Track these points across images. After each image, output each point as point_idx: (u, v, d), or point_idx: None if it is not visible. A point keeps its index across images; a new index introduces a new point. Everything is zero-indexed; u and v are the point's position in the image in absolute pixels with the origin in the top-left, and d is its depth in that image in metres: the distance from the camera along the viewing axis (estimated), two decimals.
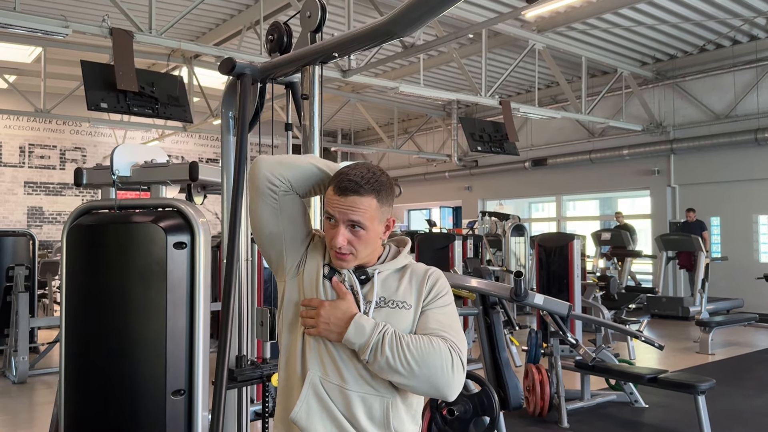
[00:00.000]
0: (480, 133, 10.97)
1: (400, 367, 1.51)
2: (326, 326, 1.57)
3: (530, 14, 9.48)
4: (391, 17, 1.88)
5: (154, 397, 2.71)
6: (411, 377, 1.52)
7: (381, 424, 1.59)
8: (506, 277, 10.60)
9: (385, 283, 1.64)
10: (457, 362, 1.54)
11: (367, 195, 1.59)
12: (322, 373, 1.60)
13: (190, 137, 17.23)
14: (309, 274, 1.66)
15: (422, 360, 1.51)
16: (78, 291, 2.91)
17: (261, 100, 2.58)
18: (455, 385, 1.54)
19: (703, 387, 4.59)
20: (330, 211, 1.60)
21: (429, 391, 1.55)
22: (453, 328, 1.61)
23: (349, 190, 1.58)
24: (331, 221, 1.61)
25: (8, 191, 15.01)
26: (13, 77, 12.70)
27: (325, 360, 1.60)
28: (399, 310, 1.61)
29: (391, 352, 1.51)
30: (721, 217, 12.26)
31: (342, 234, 1.58)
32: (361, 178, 1.59)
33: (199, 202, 3.59)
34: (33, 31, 6.80)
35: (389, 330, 1.55)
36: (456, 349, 1.56)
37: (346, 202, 1.58)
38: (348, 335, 1.54)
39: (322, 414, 1.58)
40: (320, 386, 1.59)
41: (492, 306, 4.41)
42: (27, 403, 6.11)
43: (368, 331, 1.54)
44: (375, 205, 1.60)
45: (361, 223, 1.58)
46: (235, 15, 10.22)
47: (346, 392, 1.58)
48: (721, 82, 12.14)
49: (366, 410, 1.58)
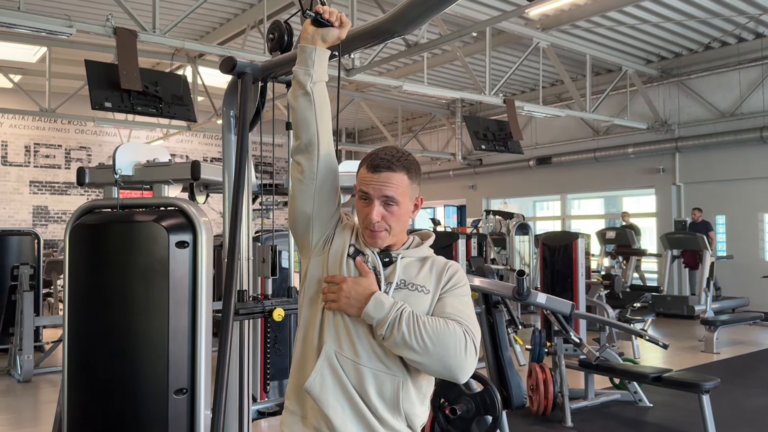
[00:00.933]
0: (484, 132, 10.96)
1: (415, 343, 1.56)
2: (347, 300, 1.63)
3: (534, 12, 9.45)
4: (392, 15, 1.88)
5: (156, 396, 2.71)
6: (425, 355, 1.56)
7: (391, 403, 1.64)
8: (510, 276, 10.57)
9: (406, 268, 1.71)
10: (470, 345, 1.59)
11: (399, 171, 1.68)
12: (338, 347, 1.65)
13: (195, 136, 17.25)
14: (335, 253, 1.72)
15: (437, 339, 1.56)
16: (80, 290, 2.92)
17: (262, 99, 2.58)
18: (467, 367, 1.59)
19: (708, 386, 4.57)
20: (364, 189, 1.67)
21: (441, 371, 1.59)
22: (468, 315, 1.66)
23: (381, 166, 1.66)
24: (365, 200, 1.68)
25: (14, 190, 15.07)
26: (18, 77, 12.74)
27: (342, 334, 1.65)
28: (418, 293, 1.68)
29: (408, 328, 1.56)
30: (727, 216, 12.21)
31: (377, 209, 1.66)
32: (392, 156, 1.68)
33: (201, 201, 3.59)
34: (37, 31, 6.82)
35: (407, 308, 1.61)
36: (470, 333, 1.61)
37: (380, 178, 1.66)
38: (367, 309, 1.60)
39: (335, 386, 1.63)
40: (335, 359, 1.64)
41: (495, 305, 4.40)
42: (31, 401, 6.13)
43: (387, 306, 1.60)
44: (406, 181, 1.69)
45: (394, 198, 1.66)
46: (239, 14, 10.22)
47: (359, 367, 1.63)
48: (727, 79, 12.09)
49: (377, 387, 1.63)
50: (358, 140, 20.02)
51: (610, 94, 12.78)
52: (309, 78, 1.68)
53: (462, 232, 10.77)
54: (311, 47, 1.69)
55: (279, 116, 2.63)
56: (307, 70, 1.68)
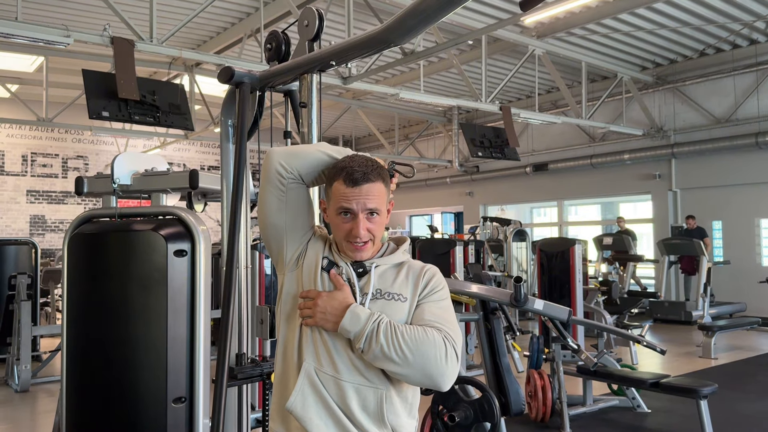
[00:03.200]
0: (481, 139, 11.00)
1: (395, 355, 1.53)
2: (323, 315, 1.60)
3: (530, 20, 9.51)
4: (387, 26, 1.90)
5: (155, 405, 2.71)
6: (405, 366, 1.54)
7: (375, 416, 1.61)
8: (508, 283, 10.59)
9: (381, 277, 1.68)
10: (451, 352, 1.56)
11: (377, 181, 1.65)
12: (317, 363, 1.62)
13: (192, 145, 17.27)
14: (308, 267, 1.69)
15: (416, 349, 1.53)
16: (79, 299, 2.93)
17: (260, 108, 2.59)
18: (449, 375, 1.56)
19: (706, 391, 4.58)
20: (346, 205, 1.63)
21: (423, 380, 1.56)
22: (448, 321, 1.63)
23: (361, 180, 1.62)
24: (346, 216, 1.64)
25: (11, 200, 15.05)
26: (16, 86, 12.75)
27: (320, 351, 1.62)
28: (395, 302, 1.64)
29: (386, 340, 1.54)
30: (723, 221, 12.25)
31: (363, 224, 1.62)
32: (366, 167, 1.64)
33: (199, 210, 3.60)
34: (35, 41, 6.84)
35: (384, 319, 1.58)
36: (450, 339, 1.58)
37: (362, 192, 1.62)
38: (343, 323, 1.57)
39: (318, 404, 1.60)
40: (315, 376, 1.61)
41: (492, 311, 4.41)
42: (29, 411, 6.11)
43: (363, 319, 1.57)
44: (384, 190, 1.67)
45: (377, 209, 1.64)
46: (236, 23, 10.26)
47: (340, 383, 1.60)
48: (722, 86, 12.16)
49: (360, 402, 1.60)
50: (355, 148, 20.02)
51: (606, 101, 12.84)
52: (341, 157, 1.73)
53: (459, 239, 10.77)
54: None
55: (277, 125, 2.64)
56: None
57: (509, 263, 12.07)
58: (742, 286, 11.44)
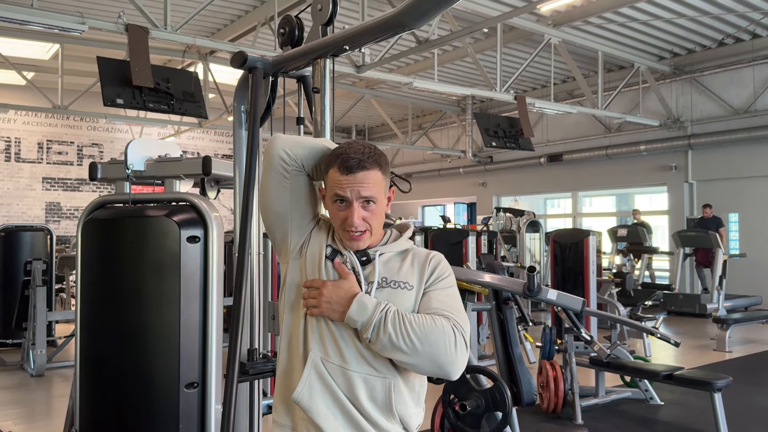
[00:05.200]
0: (495, 129, 10.93)
1: (403, 344, 1.51)
2: (328, 305, 1.57)
3: (546, 8, 9.40)
4: (402, 9, 1.87)
5: (167, 390, 2.73)
6: (414, 355, 1.51)
7: (383, 406, 1.59)
8: (520, 274, 10.54)
9: (386, 265, 1.65)
10: (460, 340, 1.53)
11: (373, 168, 1.60)
12: (324, 353, 1.60)
13: (206, 133, 17.32)
14: (311, 256, 1.67)
15: (425, 337, 1.51)
16: (93, 284, 2.94)
17: (273, 93, 2.57)
18: (458, 364, 1.54)
19: (720, 384, 4.54)
20: (340, 192, 1.60)
21: (432, 369, 1.54)
22: (456, 308, 1.61)
23: (355, 167, 1.58)
24: (341, 203, 1.61)
25: (27, 187, 15.20)
26: (31, 74, 12.82)
27: (327, 341, 1.60)
28: (401, 290, 1.62)
29: (394, 329, 1.51)
30: (740, 214, 12.11)
31: (357, 212, 1.59)
32: (362, 154, 1.60)
33: (212, 197, 3.61)
34: (50, 28, 6.88)
35: (391, 308, 1.55)
36: (459, 327, 1.55)
37: (356, 179, 1.58)
38: (350, 313, 1.54)
39: (324, 394, 1.58)
40: (322, 366, 1.59)
41: (505, 301, 4.39)
42: (44, 395, 6.18)
43: (371, 309, 1.54)
44: (381, 177, 1.62)
45: (373, 197, 1.60)
46: (250, 11, 10.24)
47: (348, 372, 1.58)
48: (740, 76, 11.98)
49: (368, 391, 1.58)
50: (369, 137, 20.01)
51: (622, 91, 12.70)
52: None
53: (472, 229, 10.73)
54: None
55: (289, 113, 2.63)
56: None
57: (522, 254, 12.02)
58: (758, 279, 11.32)
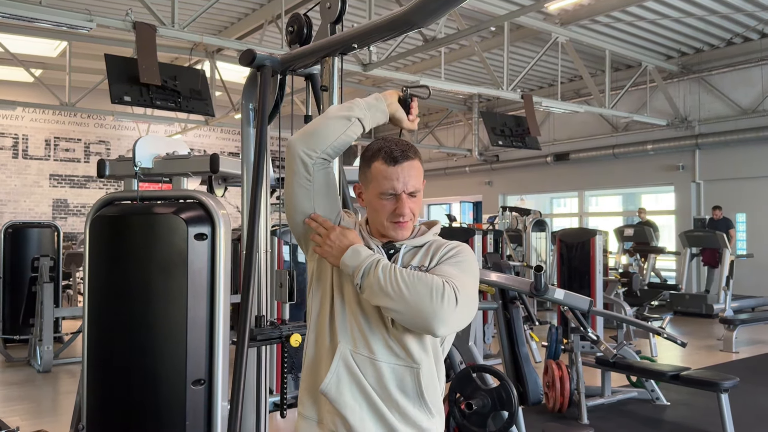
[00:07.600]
0: (501, 128, 10.90)
1: (390, 288, 1.52)
2: (329, 249, 1.63)
3: (553, 7, 9.36)
4: (411, 7, 1.87)
5: (174, 387, 2.74)
6: (399, 300, 1.51)
7: (414, 394, 1.62)
8: (526, 273, 10.53)
9: (407, 255, 1.69)
10: (449, 294, 1.50)
11: (416, 158, 1.67)
12: (353, 346, 1.63)
13: (212, 131, 17.35)
14: None
15: (413, 285, 1.51)
16: (100, 281, 2.95)
17: (281, 91, 2.57)
18: (443, 318, 1.50)
19: (727, 385, 4.52)
20: (389, 183, 1.62)
21: (416, 319, 1.52)
22: (458, 277, 1.58)
23: (401, 158, 1.63)
24: (389, 195, 1.64)
25: (34, 183, 15.26)
26: (39, 71, 12.87)
27: (355, 333, 1.63)
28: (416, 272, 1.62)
29: (384, 274, 1.54)
30: (747, 214, 12.05)
31: (407, 203, 1.64)
32: (403, 145, 1.67)
33: (219, 194, 3.61)
34: (58, 25, 6.91)
35: (384, 259, 1.60)
36: (452, 283, 1.53)
37: (404, 170, 1.63)
38: (344, 258, 1.60)
39: (352, 385, 1.62)
40: (350, 358, 1.62)
41: (512, 301, 4.39)
42: (51, 391, 6.21)
43: (363, 255, 1.59)
44: (421, 168, 1.69)
45: (417, 189, 1.66)
46: (257, 9, 10.25)
47: (376, 363, 1.61)
48: (749, 76, 11.91)
49: (398, 382, 1.61)
50: (375, 135, 19.99)
51: (630, 90, 12.65)
52: (356, 114, 1.66)
53: (478, 228, 10.72)
54: (381, 99, 1.72)
55: (297, 111, 2.63)
56: (362, 110, 1.68)
57: (528, 253, 12.00)
58: (765, 280, 11.26)
